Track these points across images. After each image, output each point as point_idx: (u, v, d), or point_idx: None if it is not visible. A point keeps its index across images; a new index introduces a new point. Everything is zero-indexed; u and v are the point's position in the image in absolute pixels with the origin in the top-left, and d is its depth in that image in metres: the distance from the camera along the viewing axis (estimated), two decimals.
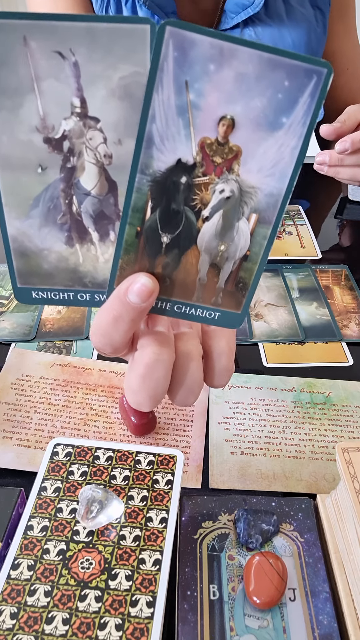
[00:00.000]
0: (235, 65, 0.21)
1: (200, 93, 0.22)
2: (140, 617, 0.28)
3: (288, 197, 0.25)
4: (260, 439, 0.45)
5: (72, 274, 0.27)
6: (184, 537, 0.35)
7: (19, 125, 0.23)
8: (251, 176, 0.24)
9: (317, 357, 0.54)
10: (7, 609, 0.29)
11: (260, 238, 0.26)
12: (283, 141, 0.23)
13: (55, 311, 0.59)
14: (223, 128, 0.23)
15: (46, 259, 0.27)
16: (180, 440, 0.45)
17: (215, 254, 0.26)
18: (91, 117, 0.24)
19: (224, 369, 0.30)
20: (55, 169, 0.25)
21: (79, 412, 0.47)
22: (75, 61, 0.22)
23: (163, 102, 0.22)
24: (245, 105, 0.22)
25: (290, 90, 0.22)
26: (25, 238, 0.26)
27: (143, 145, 0.23)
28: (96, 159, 0.25)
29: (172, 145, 0.23)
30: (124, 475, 0.35)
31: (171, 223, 0.25)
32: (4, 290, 0.63)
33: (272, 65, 0.21)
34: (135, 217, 0.25)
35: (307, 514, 0.36)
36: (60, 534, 0.32)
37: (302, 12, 0.80)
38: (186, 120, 0.23)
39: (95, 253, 0.27)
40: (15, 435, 0.44)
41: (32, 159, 0.24)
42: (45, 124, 0.24)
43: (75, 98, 0.23)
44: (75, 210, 0.26)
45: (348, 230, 0.78)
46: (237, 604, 0.31)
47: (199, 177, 0.24)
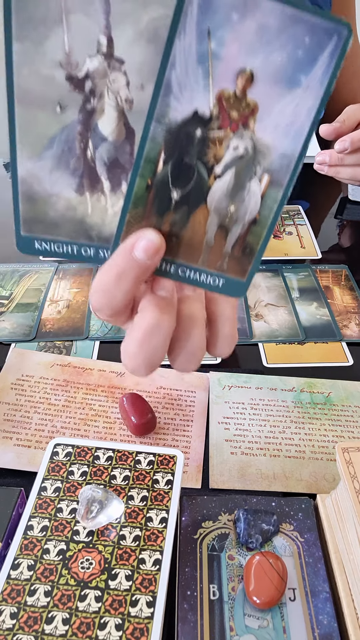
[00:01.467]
0: (258, 16, 0.21)
1: (222, 42, 0.22)
2: (140, 617, 0.28)
3: (302, 159, 0.24)
4: (260, 439, 0.45)
5: (78, 225, 0.26)
6: (184, 537, 0.35)
7: (42, 57, 0.22)
8: (266, 134, 0.24)
9: (317, 357, 0.54)
10: (7, 609, 0.29)
11: (271, 201, 0.25)
12: (300, 100, 0.23)
13: (55, 311, 0.59)
14: (242, 81, 0.22)
15: (54, 206, 0.26)
16: (180, 440, 0.45)
17: (224, 215, 0.26)
18: (116, 58, 0.23)
19: (228, 336, 0.29)
20: (75, 109, 0.24)
21: (79, 412, 0.47)
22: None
23: (184, 48, 0.22)
24: (265, 58, 0.22)
25: (311, 47, 0.22)
26: (35, 181, 0.25)
27: (161, 93, 0.22)
28: (117, 102, 0.24)
29: (189, 95, 0.23)
30: (124, 475, 0.35)
31: (182, 177, 0.24)
32: (4, 290, 0.63)
33: (293, 20, 0.21)
34: (147, 169, 0.24)
35: (307, 514, 0.36)
36: (60, 534, 0.32)
37: None
38: (206, 70, 0.22)
39: (104, 204, 0.26)
40: (15, 435, 0.44)
41: (52, 96, 0.23)
42: (70, 60, 0.23)
43: (102, 36, 0.22)
44: (90, 155, 0.25)
45: (348, 230, 0.78)
46: (237, 603, 0.31)
47: (214, 130, 0.24)
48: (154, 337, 0.26)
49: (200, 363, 0.29)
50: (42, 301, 0.61)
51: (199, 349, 0.28)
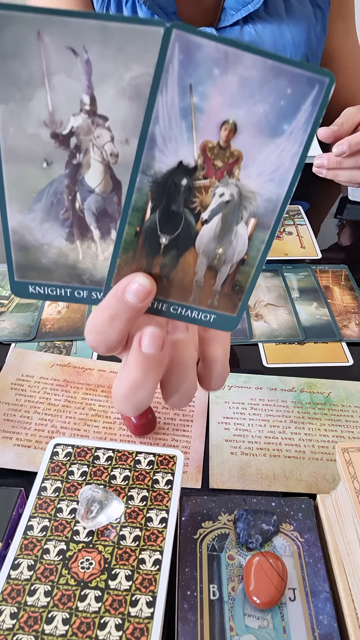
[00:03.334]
0: (240, 70, 0.22)
1: (204, 96, 0.22)
2: (140, 617, 0.28)
3: (287, 202, 0.25)
4: (260, 439, 0.45)
5: (70, 270, 0.27)
6: (184, 537, 0.35)
7: (27, 117, 0.23)
8: (251, 181, 0.24)
9: (317, 357, 0.54)
10: (7, 609, 0.29)
11: (258, 242, 0.26)
12: (284, 147, 0.23)
13: (55, 311, 0.59)
14: (225, 132, 0.23)
15: (46, 254, 0.27)
16: (180, 440, 0.45)
17: (213, 257, 0.26)
18: (100, 115, 0.23)
19: (219, 375, 0.30)
20: (61, 164, 0.25)
21: (79, 412, 0.47)
22: (88, 58, 0.22)
23: (167, 103, 0.22)
24: (248, 110, 0.22)
25: (293, 97, 0.22)
26: (26, 231, 0.26)
27: (145, 146, 0.23)
28: (102, 157, 0.25)
29: (174, 147, 0.23)
30: (124, 475, 0.35)
31: (170, 224, 0.25)
32: (4, 290, 0.63)
33: (275, 72, 0.22)
34: (135, 217, 0.25)
35: (307, 514, 0.36)
36: (60, 534, 0.32)
37: (302, 9, 0.80)
38: (189, 123, 0.23)
39: (95, 250, 0.27)
40: (15, 435, 0.44)
41: (39, 152, 0.24)
42: (54, 118, 0.23)
43: (85, 95, 0.23)
44: (78, 206, 0.26)
45: (348, 231, 0.78)
46: (237, 603, 0.31)
47: (199, 179, 0.24)
48: (138, 393, 0.27)
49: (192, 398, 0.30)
50: (42, 301, 0.61)
51: (191, 390, 0.29)
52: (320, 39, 0.83)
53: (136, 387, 0.27)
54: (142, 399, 0.27)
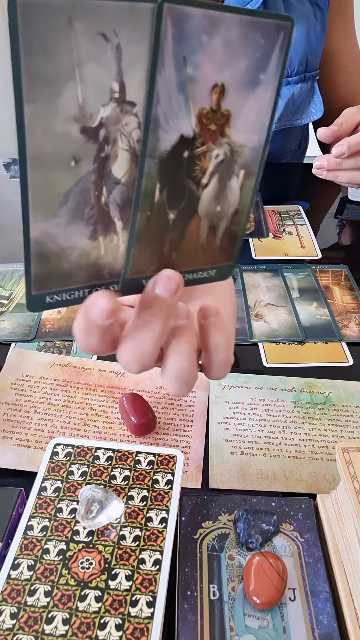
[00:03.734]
0: (223, 31, 0.22)
1: (196, 65, 0.23)
2: (140, 617, 0.28)
3: (267, 146, 0.26)
4: (260, 439, 0.45)
5: (91, 269, 0.26)
6: (184, 537, 0.35)
7: (55, 116, 0.21)
8: (239, 135, 0.25)
9: (317, 357, 0.54)
10: (7, 609, 0.29)
11: (247, 190, 0.27)
12: (262, 96, 0.25)
13: (55, 311, 0.59)
14: (216, 95, 0.24)
15: (68, 258, 0.25)
16: (180, 440, 0.45)
17: (212, 216, 0.27)
18: (128, 102, 0.23)
19: (222, 363, 0.30)
20: (89, 160, 0.23)
21: (79, 412, 0.47)
22: (118, 43, 0.21)
23: (165, 81, 0.22)
24: (233, 69, 0.23)
25: (265, 47, 0.23)
26: (49, 239, 0.24)
27: (150, 129, 0.23)
28: (129, 144, 0.24)
29: (175, 123, 0.23)
30: (124, 475, 0.35)
31: (176, 198, 0.25)
32: (4, 290, 0.63)
33: (251, 27, 0.23)
34: (146, 203, 0.25)
35: (307, 514, 0.36)
36: (60, 534, 0.32)
37: (301, 9, 0.80)
38: (186, 95, 0.23)
39: (117, 243, 0.26)
40: (15, 435, 0.44)
41: (67, 151, 0.22)
42: (84, 112, 0.22)
43: (115, 82, 0.22)
44: (104, 201, 0.24)
45: (348, 230, 0.78)
46: (237, 604, 0.31)
47: (198, 147, 0.25)
48: (144, 336, 0.27)
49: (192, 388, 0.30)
50: None
51: (191, 378, 0.29)
52: (319, 39, 0.83)
53: (141, 329, 0.27)
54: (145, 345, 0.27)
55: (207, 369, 0.30)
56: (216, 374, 0.31)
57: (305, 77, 0.84)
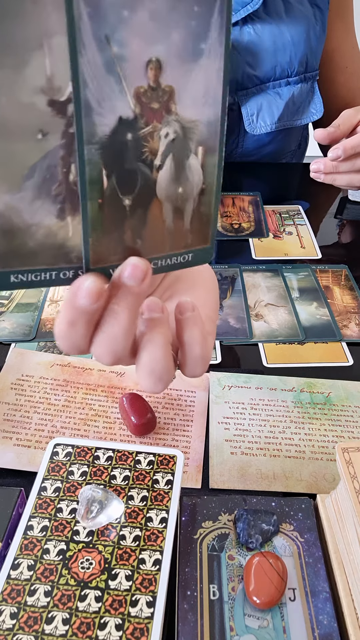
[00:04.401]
0: (147, 3, 0.21)
1: (122, 43, 0.21)
2: (140, 617, 0.28)
3: (225, 119, 0.25)
4: (260, 439, 0.45)
5: (57, 250, 0.25)
6: (184, 537, 0.35)
7: (21, 85, 0.21)
8: (188, 111, 0.24)
9: (317, 357, 0.54)
10: (7, 609, 0.29)
11: (211, 167, 0.26)
12: (207, 66, 0.23)
13: (55, 311, 0.59)
14: (152, 72, 0.23)
15: (33, 236, 0.24)
16: (180, 440, 0.45)
17: (175, 199, 0.26)
18: None
19: (198, 358, 0.29)
20: (57, 134, 0.22)
21: (79, 412, 0.47)
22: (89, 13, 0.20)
23: (89, 62, 0.21)
24: (166, 42, 0.22)
25: (201, 14, 0.22)
26: (14, 213, 0.23)
27: (82, 114, 0.22)
28: None
29: (110, 105, 0.22)
30: (124, 475, 0.35)
31: (129, 184, 0.25)
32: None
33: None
34: (95, 190, 0.24)
35: (307, 514, 0.36)
36: (60, 534, 0.32)
37: (301, 9, 0.80)
38: (116, 75, 0.22)
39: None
40: (15, 435, 0.44)
41: (33, 123, 0.22)
42: (52, 84, 0.21)
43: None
44: (72, 178, 0.24)
45: (348, 230, 0.78)
46: (237, 604, 0.31)
47: (143, 128, 0.24)
48: (113, 326, 0.27)
49: (168, 385, 0.29)
50: (42, 301, 0.61)
51: (165, 373, 0.28)
52: (319, 39, 0.83)
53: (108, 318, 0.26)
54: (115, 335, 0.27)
55: (183, 365, 0.30)
56: (192, 369, 0.30)
57: (305, 78, 0.84)
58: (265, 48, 0.78)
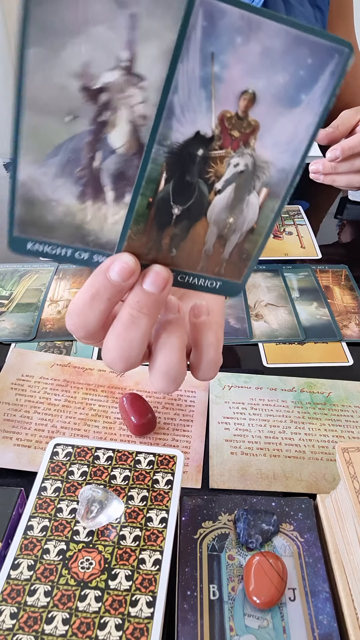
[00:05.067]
0: (262, 38, 0.21)
1: (225, 65, 0.22)
2: (140, 617, 0.28)
3: (299, 172, 0.25)
4: (260, 439, 0.45)
5: (75, 230, 0.26)
6: (184, 537, 0.35)
7: (56, 66, 0.22)
8: (266, 151, 0.24)
9: (317, 357, 0.54)
10: (7, 609, 0.29)
11: (268, 211, 0.26)
12: (300, 118, 0.23)
13: (55, 311, 0.59)
14: (244, 102, 0.23)
15: (52, 211, 0.25)
16: (180, 440, 0.45)
17: (223, 226, 0.26)
18: (136, 75, 0.22)
19: (211, 362, 0.30)
20: (86, 120, 0.23)
21: (79, 412, 0.47)
22: (135, 12, 0.21)
23: (187, 72, 0.22)
24: (268, 80, 0.22)
25: (312, 67, 0.22)
26: (36, 185, 0.25)
27: (163, 116, 0.23)
28: (132, 117, 0.23)
29: (192, 117, 0.23)
30: (124, 475, 0.35)
31: (184, 194, 0.25)
32: (4, 290, 0.63)
33: (297, 42, 0.21)
34: (149, 188, 0.24)
35: (307, 514, 0.36)
36: (60, 534, 0.32)
37: (302, 10, 0.80)
38: (208, 93, 0.22)
39: (105, 213, 0.26)
40: (15, 435, 0.44)
41: (64, 104, 0.23)
42: (87, 71, 0.22)
43: (124, 51, 0.22)
44: (96, 166, 0.24)
45: (348, 230, 0.78)
46: (237, 604, 0.31)
47: (215, 150, 0.24)
48: (130, 331, 0.27)
49: (179, 386, 0.29)
50: (42, 301, 0.61)
51: (179, 373, 0.29)
52: None
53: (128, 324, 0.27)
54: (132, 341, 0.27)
55: (196, 369, 0.30)
56: (204, 373, 0.30)
57: None
58: None
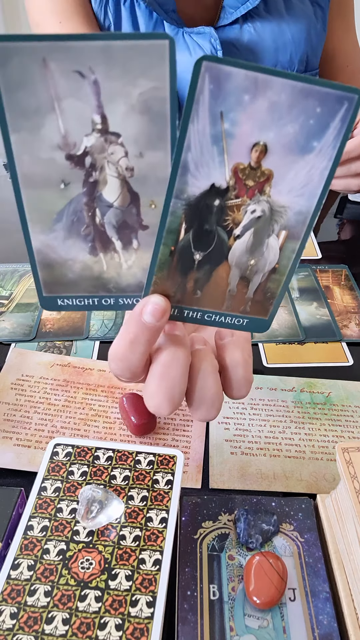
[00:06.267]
0: (269, 94, 0.22)
1: (235, 122, 0.23)
2: (140, 617, 0.28)
3: (317, 214, 0.25)
4: (260, 439, 0.45)
5: (96, 281, 0.28)
6: (184, 537, 0.35)
7: (39, 144, 0.24)
8: (281, 197, 0.25)
9: (317, 357, 0.54)
10: (7, 609, 0.29)
11: (289, 252, 0.27)
12: (314, 163, 0.24)
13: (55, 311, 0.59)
14: (256, 154, 0.24)
15: (71, 269, 0.27)
16: (180, 440, 0.45)
17: (245, 268, 0.27)
18: (112, 133, 0.24)
19: (242, 380, 0.30)
20: (78, 183, 0.25)
21: (79, 412, 0.47)
22: (95, 79, 0.22)
23: (198, 132, 0.23)
24: (278, 131, 0.23)
25: (322, 116, 0.23)
26: (50, 250, 0.27)
27: (178, 172, 0.24)
28: (118, 172, 0.25)
29: (206, 172, 0.24)
30: (124, 475, 0.35)
31: (204, 242, 0.26)
32: (4, 290, 0.63)
33: (304, 94, 0.22)
34: (170, 238, 0.26)
35: (307, 514, 0.36)
36: (60, 534, 0.32)
37: (302, 7, 0.80)
38: (220, 148, 0.23)
39: (118, 260, 0.28)
40: (15, 435, 0.45)
41: (55, 175, 0.25)
42: (67, 141, 0.24)
43: (95, 115, 0.23)
44: (99, 221, 0.27)
45: (348, 230, 0.78)
46: (237, 604, 0.31)
47: (231, 199, 0.25)
48: (172, 370, 0.28)
49: (219, 411, 0.30)
50: None
51: (216, 398, 0.30)
52: (320, 37, 0.83)
53: (169, 363, 0.28)
54: (175, 378, 0.28)
55: (228, 387, 0.31)
56: (238, 391, 0.31)
57: None
58: (266, 47, 0.78)
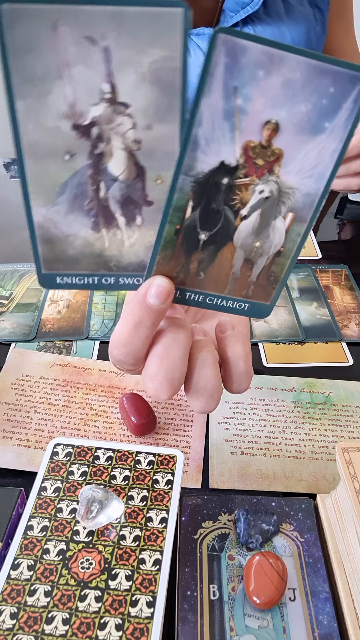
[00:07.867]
0: (283, 71, 0.22)
1: (248, 98, 0.22)
2: (140, 617, 0.28)
3: (325, 196, 0.25)
4: (260, 439, 0.45)
5: (97, 259, 0.27)
6: (184, 537, 0.35)
7: (46, 112, 0.23)
8: (290, 177, 0.25)
9: (317, 357, 0.54)
10: (7, 609, 0.29)
11: (295, 235, 0.27)
12: (324, 144, 0.24)
13: (55, 311, 0.59)
14: (267, 132, 0.23)
15: (72, 245, 0.27)
16: (180, 440, 0.45)
17: (250, 250, 0.27)
18: (121, 103, 0.23)
19: (242, 373, 0.30)
20: (83, 155, 0.24)
21: (79, 412, 0.47)
22: (106, 46, 0.22)
23: (211, 106, 0.22)
24: (290, 110, 0.23)
25: (335, 96, 0.22)
26: (51, 225, 0.26)
27: (188, 147, 0.23)
28: (125, 144, 0.24)
29: (216, 148, 0.24)
30: (124, 475, 0.35)
31: (210, 221, 0.26)
32: (4, 290, 0.63)
33: (318, 72, 0.22)
34: (176, 216, 0.25)
35: (307, 514, 0.36)
36: (60, 534, 0.32)
37: (301, 10, 0.80)
38: (232, 124, 0.23)
39: (121, 237, 0.27)
40: (15, 435, 0.44)
41: (60, 145, 0.24)
42: (74, 110, 0.23)
43: (105, 84, 0.23)
44: (103, 195, 0.26)
45: (348, 230, 0.78)
46: (237, 604, 0.31)
47: (240, 178, 0.25)
48: (172, 350, 0.27)
49: (217, 403, 0.30)
50: (42, 301, 0.61)
51: (215, 389, 0.29)
52: (320, 40, 0.83)
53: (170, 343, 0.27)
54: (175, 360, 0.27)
55: (228, 381, 0.31)
56: (238, 385, 0.31)
57: None
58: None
